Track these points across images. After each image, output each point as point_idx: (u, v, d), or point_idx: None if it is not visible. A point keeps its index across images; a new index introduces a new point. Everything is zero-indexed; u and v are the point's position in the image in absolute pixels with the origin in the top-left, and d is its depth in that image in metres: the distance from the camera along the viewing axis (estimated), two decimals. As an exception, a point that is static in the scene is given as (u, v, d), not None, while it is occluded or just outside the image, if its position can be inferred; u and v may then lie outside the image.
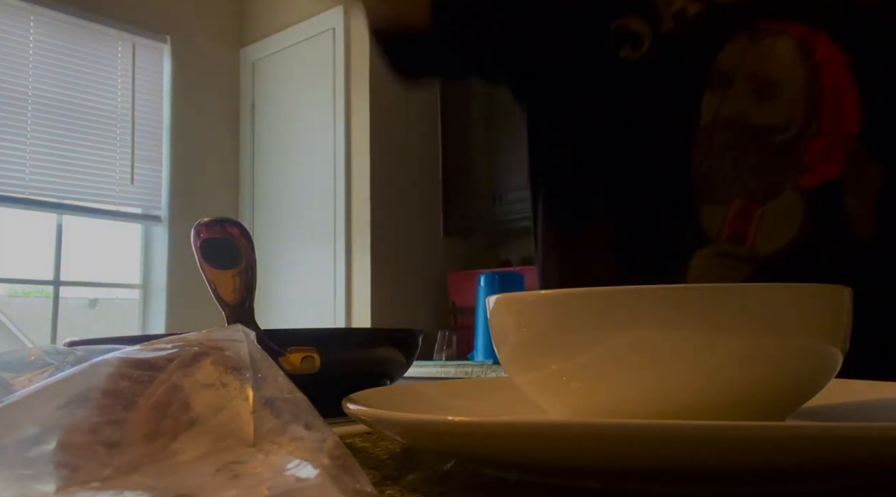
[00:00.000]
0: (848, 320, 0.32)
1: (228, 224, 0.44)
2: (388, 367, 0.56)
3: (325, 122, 3.02)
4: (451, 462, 0.34)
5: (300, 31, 3.15)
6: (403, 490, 0.29)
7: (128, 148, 3.04)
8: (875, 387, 0.39)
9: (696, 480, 0.25)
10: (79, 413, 0.24)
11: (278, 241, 3.14)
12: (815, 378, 0.32)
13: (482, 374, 2.35)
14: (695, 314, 0.29)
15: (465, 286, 3.01)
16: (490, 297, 0.35)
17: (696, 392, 0.30)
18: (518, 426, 0.26)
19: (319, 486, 0.20)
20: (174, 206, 3.13)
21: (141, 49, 3.10)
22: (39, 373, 0.31)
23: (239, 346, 0.27)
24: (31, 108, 2.78)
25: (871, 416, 0.36)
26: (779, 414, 0.33)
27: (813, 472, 0.25)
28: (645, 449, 0.24)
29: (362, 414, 0.31)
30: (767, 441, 0.23)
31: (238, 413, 0.24)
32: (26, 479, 0.21)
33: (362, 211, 2.91)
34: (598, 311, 0.31)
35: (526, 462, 0.28)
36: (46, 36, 2.85)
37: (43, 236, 2.95)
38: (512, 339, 0.34)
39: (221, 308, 0.44)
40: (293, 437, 0.23)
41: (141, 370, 0.26)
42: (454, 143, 3.10)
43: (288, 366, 0.44)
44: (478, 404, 0.43)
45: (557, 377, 0.33)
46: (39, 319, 3.42)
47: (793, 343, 0.30)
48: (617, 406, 0.32)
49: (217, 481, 0.21)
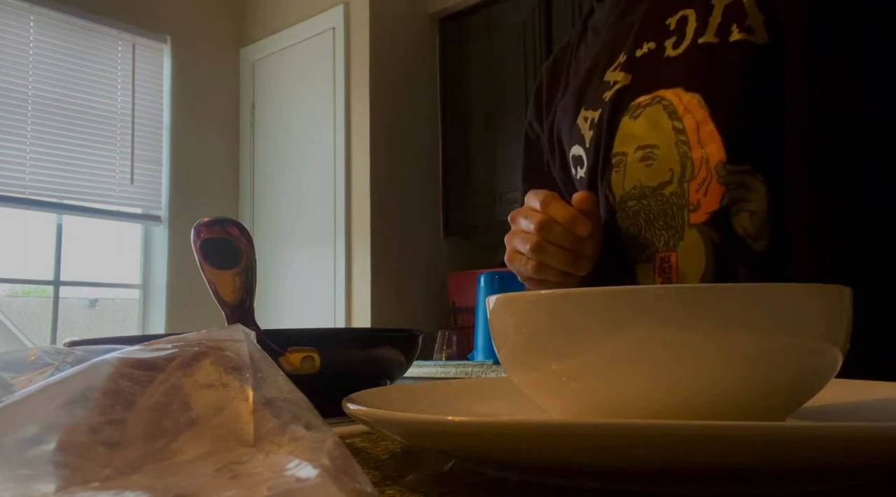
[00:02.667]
0: (848, 320, 0.32)
1: (228, 224, 0.44)
2: (388, 367, 0.56)
3: (325, 122, 3.02)
4: (451, 462, 0.34)
5: (300, 31, 3.15)
6: (403, 490, 0.29)
7: (128, 148, 3.04)
8: (875, 387, 0.39)
9: (696, 480, 0.25)
10: (79, 413, 0.24)
11: (278, 241, 3.14)
12: (815, 378, 0.32)
13: (482, 374, 2.35)
14: (695, 314, 0.29)
15: (465, 286, 3.01)
16: (490, 297, 0.35)
17: (696, 392, 0.30)
18: (518, 426, 0.26)
19: (319, 486, 0.20)
20: (174, 206, 3.13)
21: (141, 49, 3.10)
22: (39, 373, 0.31)
23: (239, 346, 0.27)
24: (31, 108, 2.78)
25: (871, 416, 0.36)
26: (779, 414, 0.33)
27: (813, 472, 0.25)
28: (645, 449, 0.24)
29: (362, 414, 0.31)
30: (767, 441, 0.23)
31: (238, 413, 0.24)
32: (26, 479, 0.21)
33: (362, 211, 2.91)
34: (598, 311, 0.31)
35: (526, 462, 0.28)
36: (46, 36, 2.85)
37: (43, 236, 2.95)
38: (512, 339, 0.34)
39: (221, 308, 0.44)
40: (293, 437, 0.23)
41: (141, 370, 0.26)
42: (454, 143, 3.10)
43: (288, 366, 0.44)
44: (478, 404, 0.43)
45: (557, 377, 0.33)
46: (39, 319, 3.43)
47: (793, 343, 0.30)
48: (617, 406, 0.32)
49: (217, 481, 0.21)
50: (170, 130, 3.14)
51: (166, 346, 0.27)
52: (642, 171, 0.74)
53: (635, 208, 0.74)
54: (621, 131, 0.76)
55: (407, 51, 3.05)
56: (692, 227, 0.70)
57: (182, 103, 3.18)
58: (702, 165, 0.69)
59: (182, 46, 3.19)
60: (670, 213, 0.71)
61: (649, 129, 0.73)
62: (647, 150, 0.73)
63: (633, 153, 0.74)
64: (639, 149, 0.74)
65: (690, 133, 0.70)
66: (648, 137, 0.73)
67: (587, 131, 0.81)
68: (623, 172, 0.75)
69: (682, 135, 0.71)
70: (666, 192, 0.72)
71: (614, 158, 0.76)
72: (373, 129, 2.91)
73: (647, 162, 0.73)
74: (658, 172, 0.72)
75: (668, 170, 0.71)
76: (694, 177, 0.70)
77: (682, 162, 0.71)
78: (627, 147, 0.75)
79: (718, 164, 0.68)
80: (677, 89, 0.72)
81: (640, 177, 0.74)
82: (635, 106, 0.75)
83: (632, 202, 0.75)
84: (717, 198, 0.68)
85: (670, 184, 0.71)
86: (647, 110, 0.74)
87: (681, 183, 0.71)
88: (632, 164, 0.75)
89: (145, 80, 3.11)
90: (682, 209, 0.71)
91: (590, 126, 0.80)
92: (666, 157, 0.72)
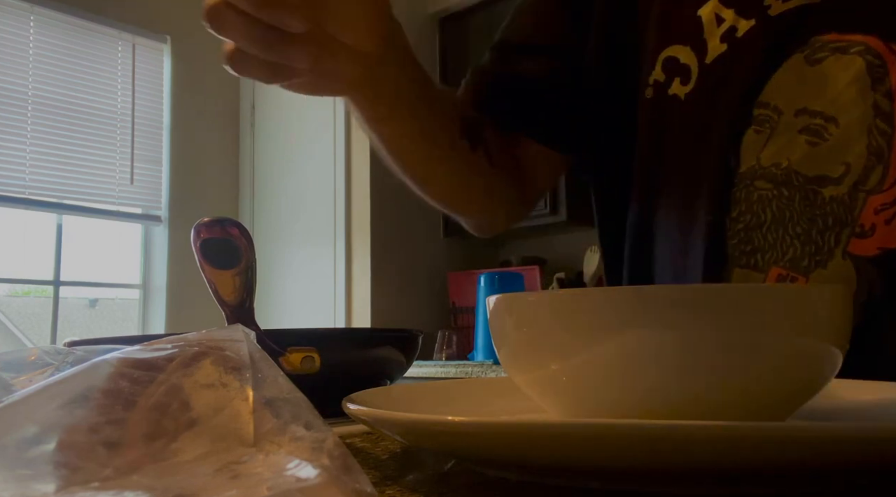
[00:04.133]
0: (848, 320, 0.32)
1: (228, 224, 0.44)
2: (388, 367, 0.56)
3: (325, 122, 3.02)
4: (451, 462, 0.34)
5: (300, 31, 3.15)
6: (403, 490, 0.29)
7: (128, 148, 3.04)
8: (875, 387, 0.39)
9: (696, 480, 0.25)
10: (79, 413, 0.24)
11: (278, 241, 3.13)
12: (815, 378, 0.32)
13: (482, 374, 2.35)
14: (695, 314, 0.29)
15: (465, 286, 3.01)
16: (490, 297, 0.35)
17: (696, 392, 0.30)
18: (518, 426, 0.26)
19: (319, 486, 0.20)
20: (174, 206, 3.12)
21: (141, 49, 3.10)
22: (39, 373, 0.31)
23: (239, 346, 0.27)
24: (31, 108, 2.78)
25: (871, 416, 0.36)
26: (779, 414, 0.33)
27: (813, 472, 0.25)
28: (644, 449, 0.24)
29: (362, 414, 0.31)
30: (767, 441, 0.23)
31: (238, 413, 0.24)
32: (26, 479, 0.21)
33: (362, 211, 2.91)
34: (598, 311, 0.31)
35: (526, 462, 0.28)
36: (46, 36, 2.85)
37: (43, 236, 2.95)
38: (512, 339, 0.34)
39: (221, 308, 0.44)
40: (293, 437, 0.23)
41: (141, 370, 0.26)
42: (454, 143, 3.10)
43: (288, 366, 0.44)
44: (478, 404, 0.43)
45: (557, 377, 0.33)
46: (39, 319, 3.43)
47: (793, 343, 0.30)
48: (617, 406, 0.32)
49: (217, 481, 0.21)
50: (170, 130, 3.14)
51: (166, 346, 0.27)
52: (800, 147, 0.50)
53: (766, 194, 0.51)
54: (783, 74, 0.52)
55: (407, 51, 3.05)
56: (848, 256, 0.49)
57: (182, 103, 3.18)
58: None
59: (182, 46, 3.19)
60: (819, 224, 0.49)
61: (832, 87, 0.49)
62: (819, 120, 0.50)
63: (791, 116, 0.51)
64: (804, 113, 0.51)
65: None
66: (825, 103, 0.50)
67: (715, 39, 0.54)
68: (767, 137, 0.52)
69: (886, 122, 0.47)
70: (826, 192, 0.49)
71: (758, 111, 0.52)
72: (373, 129, 2.90)
73: (812, 137, 0.50)
74: (825, 160, 0.50)
75: (843, 163, 0.49)
76: (881, 190, 0.48)
77: (870, 161, 0.48)
78: (785, 102, 0.51)
79: None
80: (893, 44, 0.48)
81: (795, 154, 0.51)
82: (818, 44, 0.50)
83: (764, 184, 0.52)
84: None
85: (837, 184, 0.49)
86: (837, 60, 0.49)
87: (855, 189, 0.48)
88: (785, 131, 0.51)
89: (145, 80, 3.11)
90: (842, 226, 0.49)
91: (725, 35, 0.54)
92: (845, 142, 0.49)
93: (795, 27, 0.52)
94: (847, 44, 0.49)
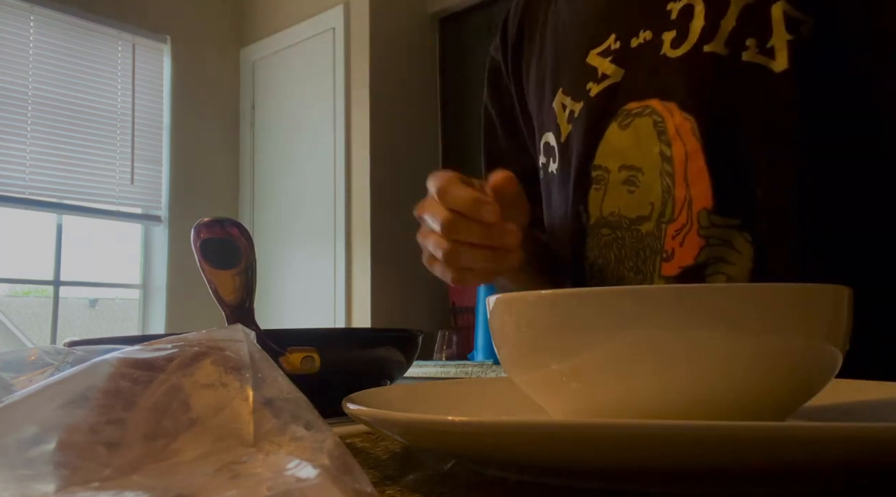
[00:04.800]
0: (848, 320, 0.32)
1: (228, 224, 0.44)
2: (388, 367, 0.56)
3: (325, 122, 3.02)
4: (451, 462, 0.34)
5: (300, 31, 3.15)
6: (403, 490, 0.29)
7: (128, 148, 3.04)
8: (875, 387, 0.39)
9: (697, 480, 0.25)
10: (79, 413, 0.24)
11: (278, 241, 3.13)
12: (815, 378, 0.32)
13: (482, 374, 2.35)
14: (694, 315, 0.29)
15: (465, 286, 3.01)
16: (490, 297, 0.35)
17: (696, 392, 0.30)
18: (518, 426, 0.26)
19: (319, 486, 0.20)
20: (174, 206, 3.12)
21: (141, 49, 3.10)
22: (39, 373, 0.31)
23: (239, 346, 0.27)
24: (31, 108, 2.78)
25: (871, 416, 0.36)
26: (779, 414, 0.33)
27: (813, 472, 0.25)
28: (645, 449, 0.24)
29: (362, 414, 0.31)
30: (767, 441, 0.23)
31: (238, 413, 0.24)
32: (26, 479, 0.21)
33: (362, 211, 2.91)
34: (598, 311, 0.31)
35: (526, 462, 0.28)
36: (46, 36, 2.85)
37: (43, 236, 2.95)
38: (512, 340, 0.34)
39: (221, 308, 0.44)
40: (293, 437, 0.23)
41: (141, 370, 0.26)
42: (454, 143, 3.10)
43: (288, 366, 0.44)
44: (478, 404, 0.43)
45: (557, 377, 0.33)
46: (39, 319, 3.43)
47: (793, 343, 0.30)
48: (617, 406, 0.32)
49: (217, 481, 0.21)
50: (170, 130, 3.14)
51: (166, 346, 0.27)
52: (623, 197, 0.62)
53: (608, 238, 0.64)
54: (606, 141, 0.64)
55: (407, 51, 3.05)
56: (661, 278, 0.59)
57: (182, 103, 3.18)
58: (683, 208, 0.58)
59: (182, 46, 3.19)
60: (642, 255, 0.61)
61: (636, 146, 0.61)
62: (632, 172, 0.62)
63: (616, 172, 0.63)
64: (623, 168, 0.63)
65: (678, 164, 0.58)
66: (634, 157, 0.62)
67: (564, 123, 0.69)
68: (603, 193, 0.64)
69: (669, 164, 0.59)
70: (643, 228, 0.61)
71: (595, 172, 0.65)
72: (373, 129, 2.90)
73: (629, 187, 0.62)
74: (639, 203, 0.61)
75: (649, 203, 0.60)
76: (673, 219, 0.59)
77: (664, 198, 0.59)
78: (611, 162, 0.64)
79: (702, 211, 0.57)
80: (671, 104, 0.60)
81: (621, 203, 0.63)
82: (625, 113, 0.63)
83: (606, 230, 0.64)
84: (694, 252, 0.57)
85: (648, 220, 0.60)
86: (637, 122, 0.62)
87: (659, 223, 0.60)
88: (614, 186, 0.63)
89: (145, 80, 3.11)
90: (655, 254, 0.60)
91: (568, 118, 0.68)
92: (648, 188, 0.61)
93: (609, 102, 0.64)
94: (642, 108, 0.62)
